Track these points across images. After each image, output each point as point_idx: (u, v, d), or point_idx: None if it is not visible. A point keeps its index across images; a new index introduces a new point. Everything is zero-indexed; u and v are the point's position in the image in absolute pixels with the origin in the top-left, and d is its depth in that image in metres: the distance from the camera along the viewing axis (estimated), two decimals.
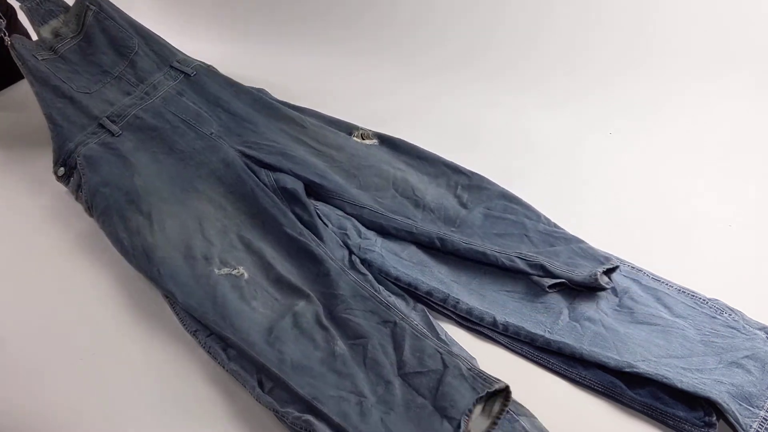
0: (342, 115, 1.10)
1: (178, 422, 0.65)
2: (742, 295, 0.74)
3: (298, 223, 0.81)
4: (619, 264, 0.75)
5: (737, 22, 1.15)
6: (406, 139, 1.00)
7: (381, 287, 0.76)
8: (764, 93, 1.11)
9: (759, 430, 0.60)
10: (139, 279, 0.83)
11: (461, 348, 0.70)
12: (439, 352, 0.63)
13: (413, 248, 0.82)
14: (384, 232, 0.85)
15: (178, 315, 0.75)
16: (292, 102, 1.10)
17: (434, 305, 0.76)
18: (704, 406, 0.60)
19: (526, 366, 0.70)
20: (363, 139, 1.00)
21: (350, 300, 0.70)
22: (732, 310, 0.71)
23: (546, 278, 0.74)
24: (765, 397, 0.62)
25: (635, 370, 0.63)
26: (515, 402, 0.63)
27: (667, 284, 0.75)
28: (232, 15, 1.66)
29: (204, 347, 0.71)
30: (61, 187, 0.97)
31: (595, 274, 0.71)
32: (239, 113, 1.02)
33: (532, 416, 0.62)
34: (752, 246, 0.85)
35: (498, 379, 0.59)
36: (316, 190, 0.89)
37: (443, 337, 0.71)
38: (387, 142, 1.00)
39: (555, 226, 0.83)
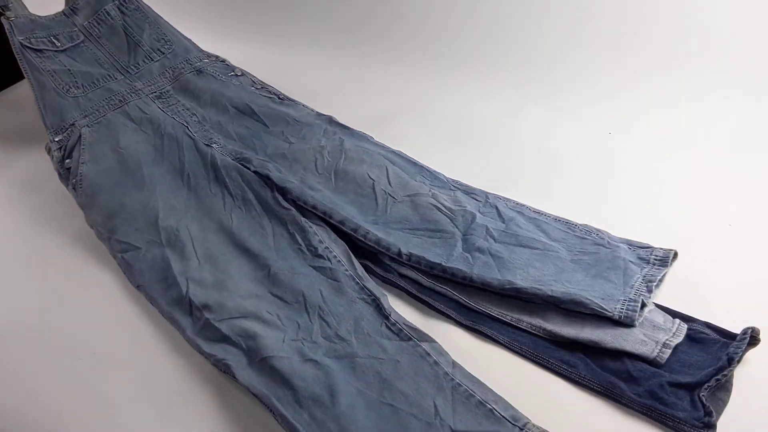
0: (343, 115, 1.09)
1: (177, 422, 0.66)
2: (742, 295, 0.75)
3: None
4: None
5: (738, 22, 1.14)
6: (405, 138, 1.04)
7: (307, 221, 0.85)
8: (764, 92, 1.09)
9: (623, 309, 0.69)
10: None
11: (375, 286, 0.77)
12: None
13: (327, 192, 0.90)
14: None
15: None
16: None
17: (347, 234, 0.84)
18: (705, 406, 0.61)
19: (526, 366, 0.71)
20: None
21: None
22: (599, 231, 0.82)
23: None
24: (625, 293, 0.72)
25: (514, 285, 0.74)
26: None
27: (545, 215, 0.86)
28: (233, 14, 1.62)
29: None
30: (60, 187, 0.96)
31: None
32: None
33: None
34: (752, 246, 0.83)
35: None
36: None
37: (360, 272, 0.80)
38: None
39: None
